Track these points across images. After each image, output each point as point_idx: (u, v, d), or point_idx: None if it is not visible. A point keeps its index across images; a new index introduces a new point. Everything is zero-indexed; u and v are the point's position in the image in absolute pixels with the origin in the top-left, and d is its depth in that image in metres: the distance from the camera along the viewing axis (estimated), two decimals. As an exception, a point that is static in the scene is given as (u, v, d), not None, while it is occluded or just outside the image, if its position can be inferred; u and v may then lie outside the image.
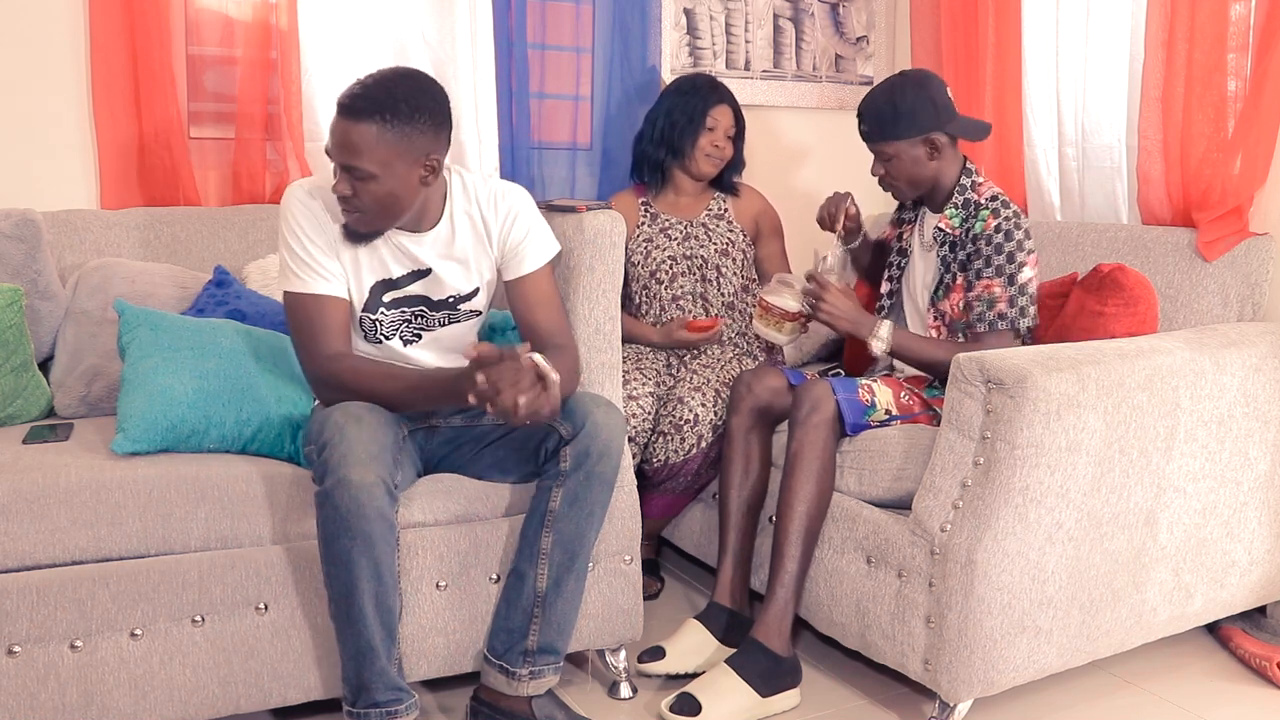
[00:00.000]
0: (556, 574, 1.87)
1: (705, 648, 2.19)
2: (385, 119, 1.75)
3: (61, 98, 2.53)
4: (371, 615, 1.71)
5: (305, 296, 1.86)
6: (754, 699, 2.02)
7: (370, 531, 1.67)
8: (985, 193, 2.25)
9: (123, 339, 2.05)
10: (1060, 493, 1.92)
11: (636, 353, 2.64)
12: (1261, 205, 2.41)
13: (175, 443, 1.89)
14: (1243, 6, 2.38)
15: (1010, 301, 2.17)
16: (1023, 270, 2.17)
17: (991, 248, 2.17)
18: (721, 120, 2.70)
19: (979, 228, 2.20)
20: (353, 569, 1.69)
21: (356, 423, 1.73)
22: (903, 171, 2.26)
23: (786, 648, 2.07)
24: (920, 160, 2.24)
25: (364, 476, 1.66)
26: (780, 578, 2.09)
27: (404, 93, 1.79)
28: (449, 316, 1.97)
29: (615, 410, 1.89)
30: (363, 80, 1.81)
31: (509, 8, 2.89)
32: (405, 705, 1.76)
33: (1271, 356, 2.18)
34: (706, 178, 2.75)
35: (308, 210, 1.88)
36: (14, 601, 1.67)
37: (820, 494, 2.11)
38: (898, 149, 2.23)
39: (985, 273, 2.18)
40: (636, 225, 2.75)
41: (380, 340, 1.95)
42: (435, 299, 1.95)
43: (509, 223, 1.95)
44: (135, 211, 2.52)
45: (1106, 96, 2.75)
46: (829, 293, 2.19)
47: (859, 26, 3.47)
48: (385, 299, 1.92)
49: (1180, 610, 2.16)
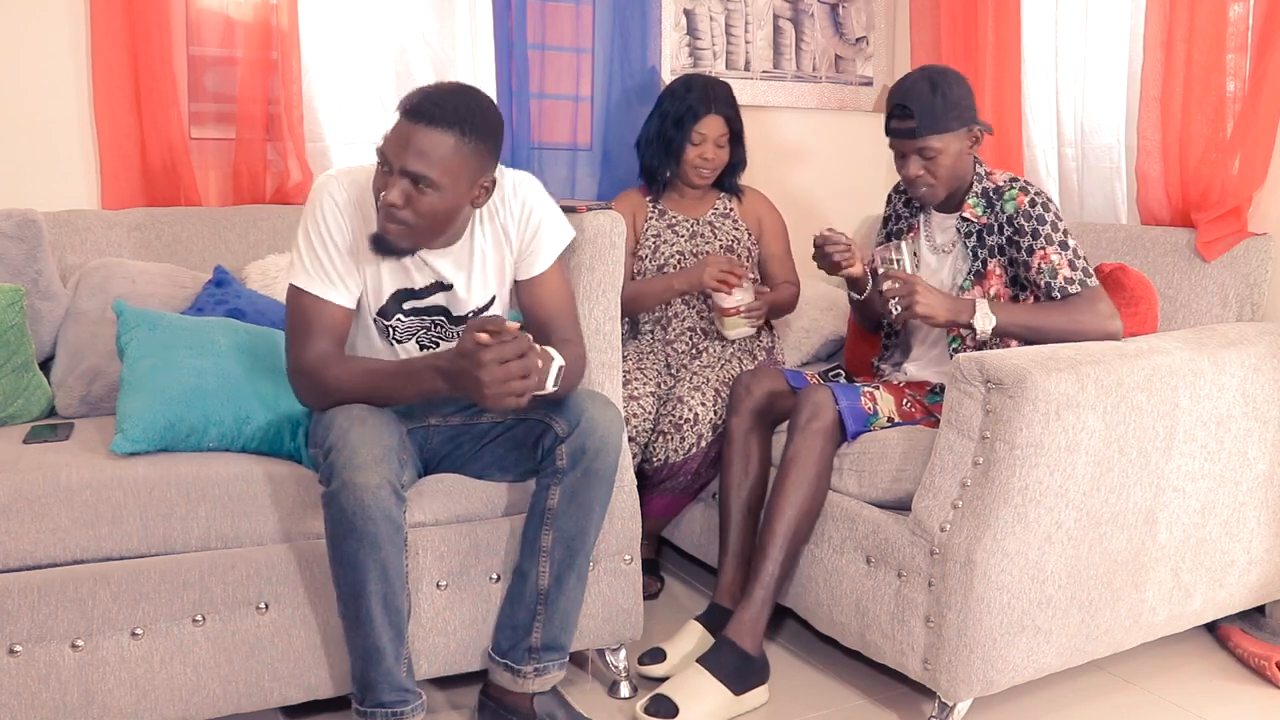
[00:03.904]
0: (558, 571, 1.87)
1: (706, 649, 2.18)
2: (465, 131, 1.71)
3: (63, 98, 2.54)
4: (379, 616, 1.72)
5: (310, 296, 1.83)
6: (727, 697, 2.02)
7: (376, 533, 1.67)
8: (999, 179, 2.23)
9: (121, 339, 2.05)
10: (1060, 492, 1.92)
11: (637, 352, 2.65)
12: (1260, 205, 2.42)
13: (174, 442, 1.89)
14: (1241, 7, 2.39)
15: (1071, 265, 2.14)
16: (1068, 235, 2.16)
17: (1034, 220, 2.15)
18: (710, 132, 2.66)
19: (1011, 208, 2.18)
20: (359, 571, 1.69)
21: (360, 425, 1.73)
22: (946, 167, 2.19)
23: (758, 648, 2.07)
24: (964, 154, 2.20)
25: (369, 479, 1.66)
26: (760, 578, 2.09)
27: (482, 108, 1.76)
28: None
29: (611, 406, 1.89)
30: (432, 89, 1.76)
31: (509, 8, 2.89)
32: (411, 707, 1.76)
33: (1270, 357, 2.18)
34: (698, 187, 2.75)
35: (336, 209, 1.82)
36: (15, 601, 1.67)
37: (811, 500, 2.11)
38: (946, 142, 2.17)
39: (1036, 245, 2.15)
40: (646, 219, 2.75)
41: (395, 344, 1.93)
42: (455, 313, 1.93)
43: (525, 218, 1.92)
44: (136, 212, 2.53)
45: (1105, 97, 2.75)
46: (919, 288, 2.11)
47: (859, 27, 3.47)
48: (405, 306, 1.90)
49: (1179, 610, 2.17)
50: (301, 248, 1.84)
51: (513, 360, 1.65)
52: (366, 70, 2.77)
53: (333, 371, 1.81)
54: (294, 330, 1.85)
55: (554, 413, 1.85)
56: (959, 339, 2.26)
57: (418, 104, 1.73)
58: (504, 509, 1.98)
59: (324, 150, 2.75)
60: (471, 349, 1.66)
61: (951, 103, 2.16)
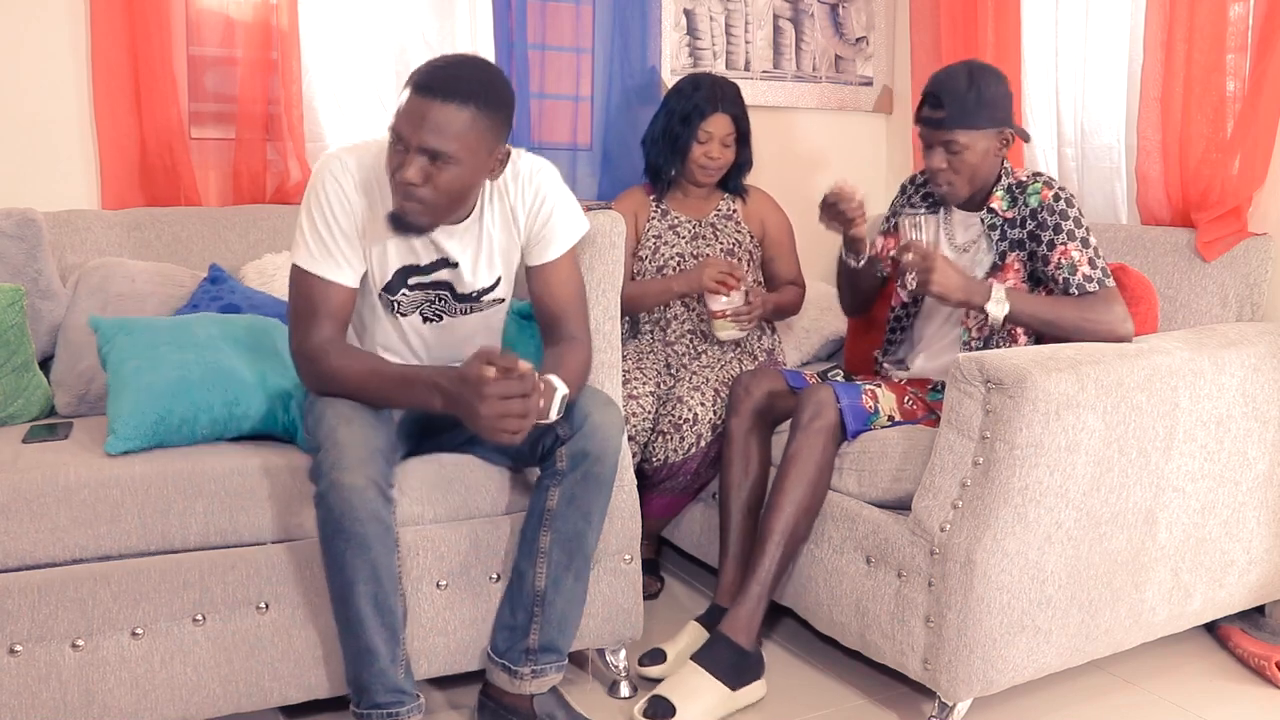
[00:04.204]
0: (555, 573, 1.87)
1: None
2: (480, 104, 1.68)
3: (62, 98, 2.54)
4: (370, 617, 1.71)
5: (314, 278, 1.81)
6: (724, 693, 2.01)
7: (364, 534, 1.67)
8: (1023, 174, 2.22)
9: (102, 350, 2.04)
10: (1059, 492, 1.92)
11: (637, 352, 2.64)
12: (1260, 205, 2.42)
13: (167, 435, 1.89)
14: (1241, 7, 2.39)
15: (1091, 263, 2.12)
16: (1091, 234, 2.15)
17: (1057, 215, 2.13)
18: (716, 131, 2.65)
19: (1035, 201, 2.16)
20: (348, 571, 1.69)
21: (347, 424, 1.73)
22: (970, 164, 2.16)
23: (753, 643, 2.07)
24: (990, 154, 2.18)
25: (355, 480, 1.66)
26: (757, 574, 2.09)
27: (494, 79, 1.74)
28: (471, 307, 1.96)
29: (614, 409, 1.88)
30: (442, 62, 1.74)
31: (509, 8, 2.89)
32: (407, 708, 1.76)
33: (1270, 357, 2.18)
34: (703, 186, 2.75)
35: (340, 189, 1.80)
36: (15, 601, 1.67)
37: (811, 499, 2.11)
38: (973, 139, 2.14)
39: (1058, 240, 2.13)
40: (647, 220, 2.75)
41: (399, 316, 1.93)
42: (459, 291, 1.92)
43: (536, 205, 1.89)
44: (136, 211, 2.53)
45: (1105, 97, 2.75)
46: (937, 264, 2.05)
47: (859, 27, 3.47)
48: (410, 282, 1.90)
49: (1179, 610, 2.17)
50: (305, 228, 1.82)
51: (515, 398, 1.65)
52: (366, 70, 2.77)
53: (335, 362, 1.81)
54: (297, 312, 1.84)
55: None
56: (968, 331, 2.25)
57: (430, 78, 1.69)
58: (505, 507, 1.99)
59: (324, 150, 2.75)
60: (476, 379, 1.65)
61: (986, 100, 2.13)
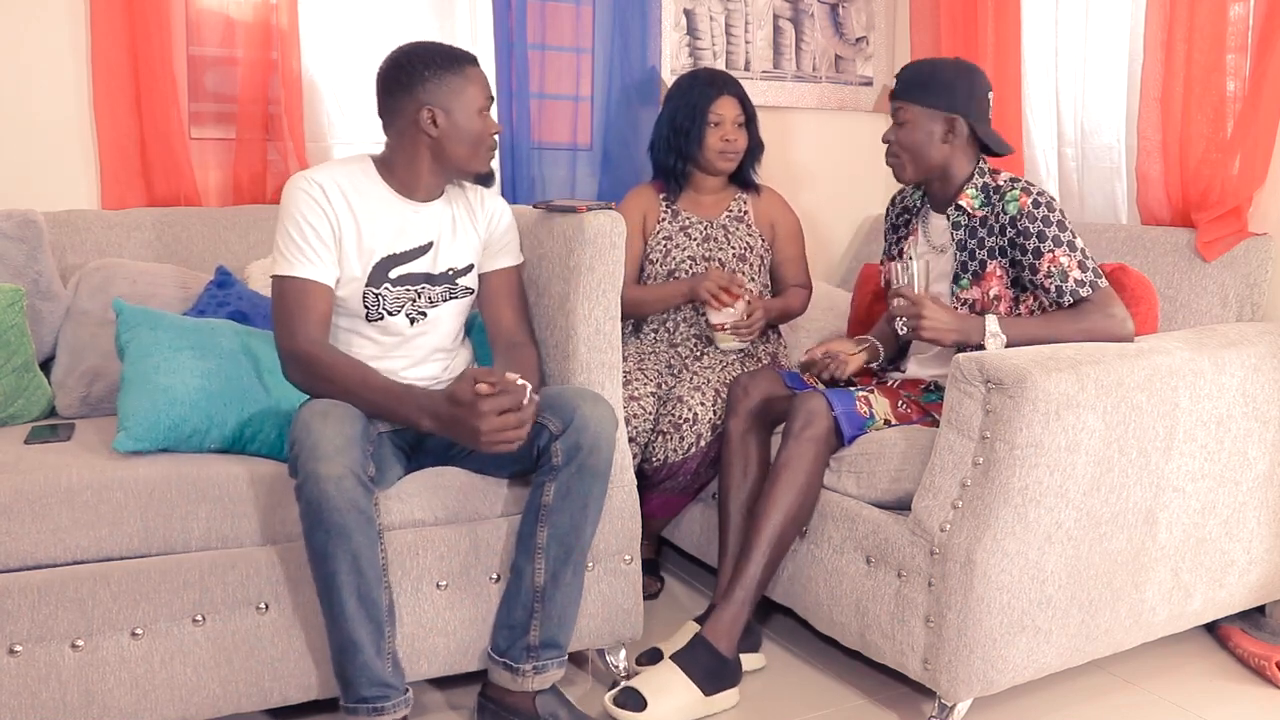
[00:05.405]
0: (553, 568, 1.87)
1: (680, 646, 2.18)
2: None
3: (63, 98, 2.54)
4: (353, 609, 1.71)
5: (295, 280, 1.88)
6: (697, 696, 2.01)
7: (344, 523, 1.67)
8: (1001, 178, 2.21)
9: (121, 338, 2.05)
10: (1060, 492, 1.92)
11: (638, 353, 2.64)
12: (1260, 205, 2.42)
13: (176, 442, 1.89)
14: (1241, 7, 2.39)
15: (1081, 266, 2.10)
16: (1076, 236, 2.13)
17: (1038, 222, 2.11)
18: (726, 113, 2.64)
19: (1013, 208, 2.14)
20: (330, 563, 1.69)
21: (322, 418, 1.74)
22: (911, 142, 2.18)
23: (732, 650, 2.07)
24: (932, 137, 2.18)
25: (330, 469, 1.66)
26: (742, 580, 2.09)
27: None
28: (449, 291, 2.01)
29: (603, 402, 1.90)
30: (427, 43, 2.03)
31: (509, 8, 2.89)
32: (393, 703, 1.76)
33: (1270, 357, 2.18)
34: (725, 173, 2.72)
35: (310, 198, 1.90)
36: (15, 601, 1.67)
37: (799, 508, 2.11)
38: (915, 115, 2.17)
39: (1044, 248, 2.11)
40: (657, 220, 2.73)
41: (382, 316, 1.95)
42: (435, 273, 2.00)
43: (496, 216, 2.10)
44: (136, 212, 2.53)
45: (1106, 97, 2.75)
46: (926, 309, 2.07)
47: (859, 27, 3.47)
48: (391, 275, 1.95)
49: (1179, 610, 2.17)
50: (280, 244, 1.90)
51: (511, 411, 1.74)
52: (366, 70, 2.75)
53: (328, 358, 1.85)
54: (281, 318, 1.88)
55: (547, 411, 1.86)
56: None
57: (463, 53, 1.98)
58: (503, 508, 1.99)
59: (324, 150, 2.76)
60: (471, 399, 1.73)
61: (941, 82, 2.16)
